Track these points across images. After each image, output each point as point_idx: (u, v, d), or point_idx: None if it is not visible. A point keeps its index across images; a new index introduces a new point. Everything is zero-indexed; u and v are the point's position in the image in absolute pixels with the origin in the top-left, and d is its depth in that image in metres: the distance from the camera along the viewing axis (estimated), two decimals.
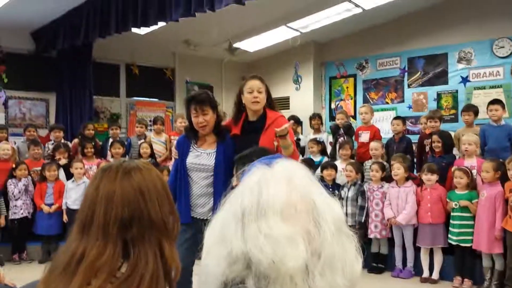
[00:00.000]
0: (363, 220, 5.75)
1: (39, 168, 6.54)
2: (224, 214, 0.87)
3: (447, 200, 5.31)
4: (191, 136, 3.53)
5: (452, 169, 5.38)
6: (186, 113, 3.60)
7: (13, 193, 6.16)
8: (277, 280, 0.77)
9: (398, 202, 5.56)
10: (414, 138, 6.84)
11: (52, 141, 7.19)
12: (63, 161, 6.72)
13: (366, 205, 5.81)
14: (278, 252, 0.77)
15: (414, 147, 6.55)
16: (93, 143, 6.97)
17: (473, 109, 6.02)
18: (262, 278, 0.78)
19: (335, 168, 6.11)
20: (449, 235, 5.22)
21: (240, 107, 3.56)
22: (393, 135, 6.61)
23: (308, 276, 0.78)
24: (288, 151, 3.26)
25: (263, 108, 3.50)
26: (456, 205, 5.16)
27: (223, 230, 0.84)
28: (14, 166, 6.26)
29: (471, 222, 5.09)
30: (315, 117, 7.84)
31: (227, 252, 0.81)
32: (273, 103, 3.60)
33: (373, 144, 6.24)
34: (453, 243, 5.17)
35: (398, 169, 5.55)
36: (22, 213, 6.22)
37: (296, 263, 0.77)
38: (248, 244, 0.79)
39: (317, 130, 7.75)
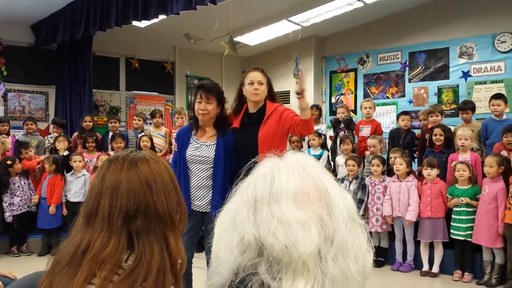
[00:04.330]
0: (360, 214, 5.72)
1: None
2: (236, 201, 0.86)
3: (448, 195, 5.30)
4: (193, 123, 3.54)
5: (452, 163, 5.37)
6: (193, 101, 3.63)
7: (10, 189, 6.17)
8: (290, 265, 0.76)
9: (400, 197, 5.55)
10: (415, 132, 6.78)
11: (51, 135, 7.22)
12: (62, 147, 6.65)
13: (365, 199, 5.81)
14: (290, 237, 0.77)
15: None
16: (94, 137, 6.94)
17: (470, 106, 5.99)
18: (274, 263, 0.77)
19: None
20: (455, 231, 5.19)
21: (241, 99, 3.56)
22: (398, 128, 6.54)
23: (320, 261, 0.77)
24: (306, 114, 3.30)
25: (264, 100, 3.50)
26: (462, 201, 5.15)
27: (235, 217, 0.84)
28: (10, 162, 6.19)
29: (474, 217, 5.09)
30: (313, 108, 7.78)
31: (239, 239, 0.81)
32: (274, 95, 3.59)
33: (370, 141, 6.19)
34: (461, 238, 5.14)
35: (400, 164, 5.54)
36: (21, 210, 6.23)
37: (308, 248, 0.76)
38: (261, 229, 0.79)
39: (316, 121, 7.68)
